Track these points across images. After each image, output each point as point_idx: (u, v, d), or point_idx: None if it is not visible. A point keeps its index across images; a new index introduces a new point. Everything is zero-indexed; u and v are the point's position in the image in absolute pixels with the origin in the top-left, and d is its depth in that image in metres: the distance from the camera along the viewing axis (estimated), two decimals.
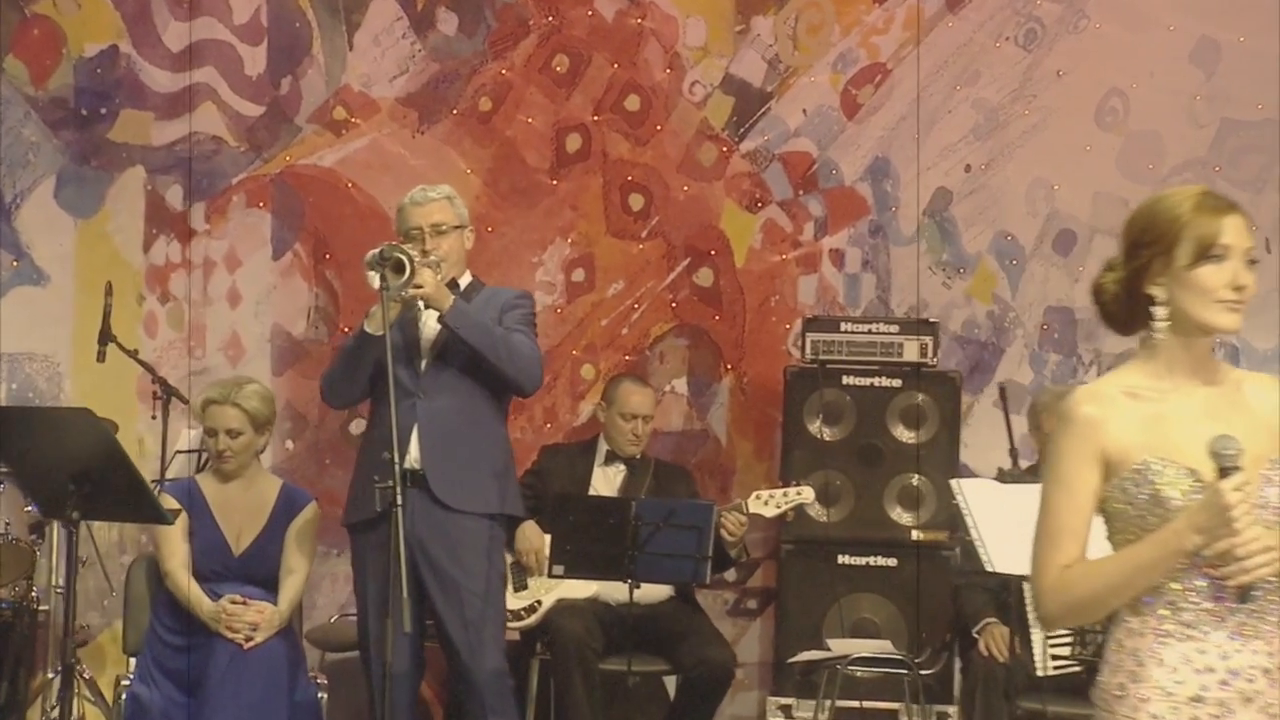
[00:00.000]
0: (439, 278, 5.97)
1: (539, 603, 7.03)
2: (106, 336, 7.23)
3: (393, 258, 5.76)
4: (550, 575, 6.74)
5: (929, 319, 7.76)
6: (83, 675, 6.52)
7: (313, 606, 7.68)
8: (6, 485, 6.96)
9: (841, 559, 7.51)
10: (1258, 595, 3.15)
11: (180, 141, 8.19)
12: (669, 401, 8.09)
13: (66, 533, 5.87)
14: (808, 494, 7.06)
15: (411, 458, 5.95)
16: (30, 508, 7.04)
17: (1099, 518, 3.29)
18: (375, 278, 5.75)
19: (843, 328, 7.65)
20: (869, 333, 7.61)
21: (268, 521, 6.50)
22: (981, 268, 8.15)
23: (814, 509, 7.35)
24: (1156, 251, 3.26)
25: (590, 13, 8.22)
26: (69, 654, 5.75)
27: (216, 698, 6.12)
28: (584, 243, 8.24)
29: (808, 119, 8.22)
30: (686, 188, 8.21)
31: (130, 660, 6.64)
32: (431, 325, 6.10)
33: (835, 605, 7.46)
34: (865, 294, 8.18)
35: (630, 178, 8.22)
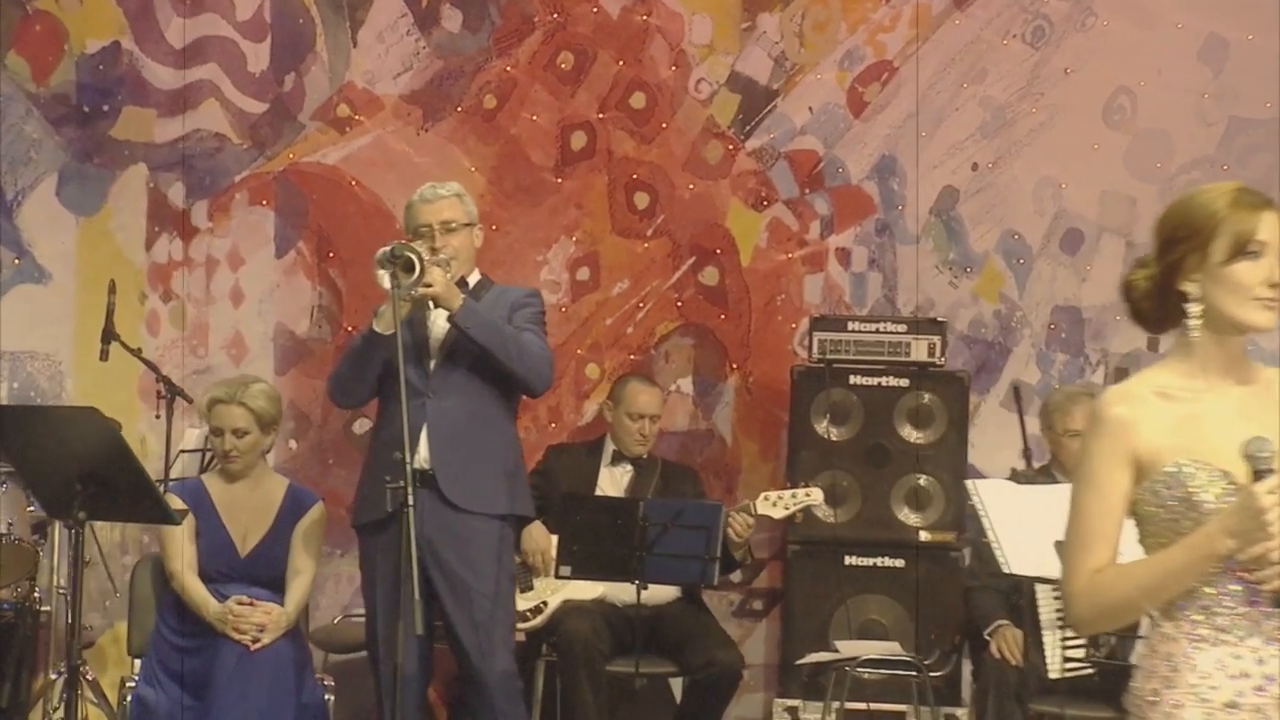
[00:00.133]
0: (449, 276, 5.91)
1: (545, 604, 6.99)
2: (110, 335, 7.17)
3: (403, 256, 5.69)
4: (557, 576, 6.67)
5: (937, 318, 7.72)
6: (85, 677, 6.48)
7: (316, 607, 7.63)
8: (9, 485, 6.92)
9: (848, 560, 7.47)
10: None
11: (183, 139, 8.17)
12: (674, 401, 8.05)
13: (72, 533, 5.80)
14: (816, 495, 7.00)
15: (421, 458, 5.90)
16: (33, 507, 7.00)
17: (1130, 520, 3.25)
18: (385, 277, 5.69)
19: (850, 327, 7.60)
20: (876, 332, 7.56)
21: (274, 522, 6.45)
22: (988, 267, 8.11)
23: (821, 509, 7.28)
24: (1191, 247, 3.21)
25: (595, 9, 8.18)
26: (74, 655, 5.69)
27: (223, 699, 6.07)
28: (589, 241, 8.20)
29: (814, 117, 8.18)
30: (692, 186, 8.16)
31: (135, 662, 6.60)
32: (440, 324, 6.04)
33: (842, 606, 7.42)
34: (871, 293, 8.14)
35: (635, 176, 8.17)
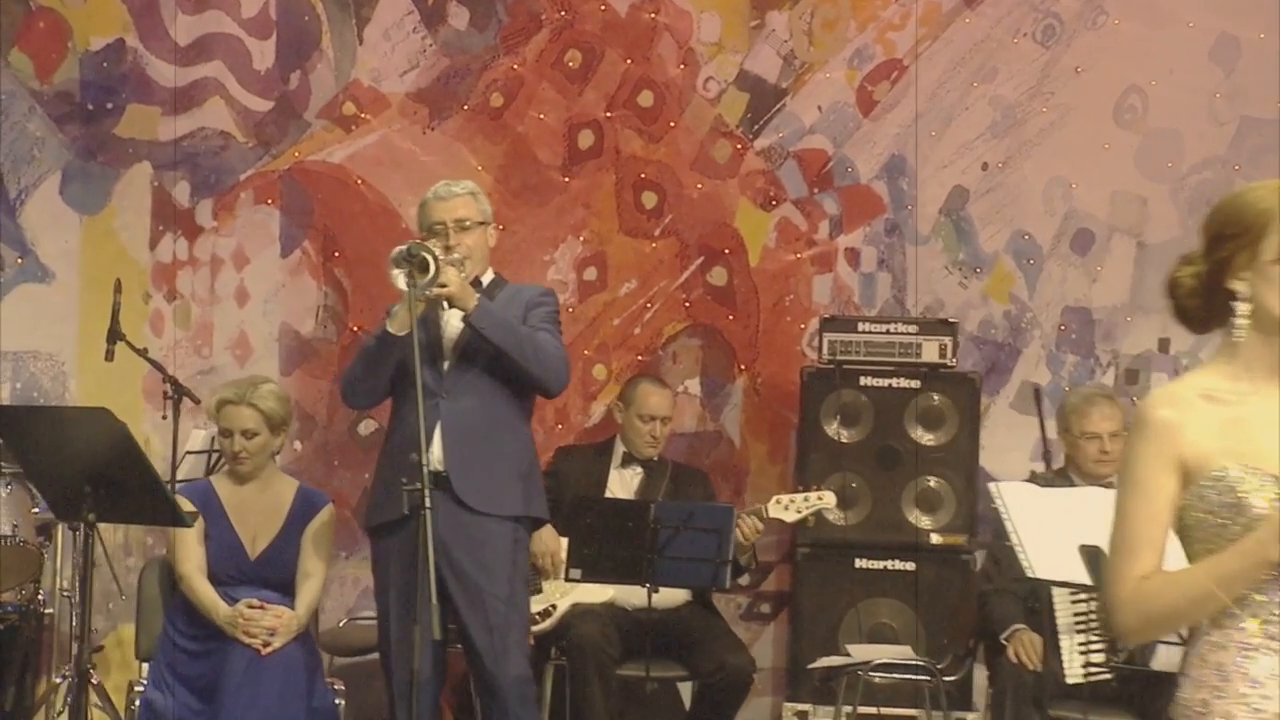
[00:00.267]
0: (463, 276, 5.85)
1: (553, 607, 6.93)
2: (116, 335, 7.09)
3: (419, 256, 5.62)
4: (567, 579, 6.62)
5: (948, 319, 7.66)
6: (90, 681, 6.41)
7: (321, 610, 7.54)
8: (14, 486, 6.86)
9: (858, 563, 7.43)
10: None
11: (187, 137, 8.12)
12: (682, 402, 7.97)
13: (84, 535, 5.73)
14: (829, 499, 6.96)
15: (434, 459, 5.82)
16: (38, 509, 6.94)
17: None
18: (400, 276, 5.63)
19: (860, 328, 7.55)
20: (887, 333, 7.51)
21: (284, 524, 6.38)
22: (998, 267, 8.06)
23: (831, 512, 7.23)
24: (1242, 244, 3.14)
25: (603, 7, 8.12)
26: (85, 660, 5.63)
27: (233, 704, 6.00)
28: (596, 241, 8.14)
29: (823, 116, 8.12)
30: (700, 185, 8.11)
31: (142, 665, 6.53)
32: (454, 324, 5.98)
33: (852, 610, 7.39)
34: (881, 294, 8.09)
35: (643, 175, 8.12)
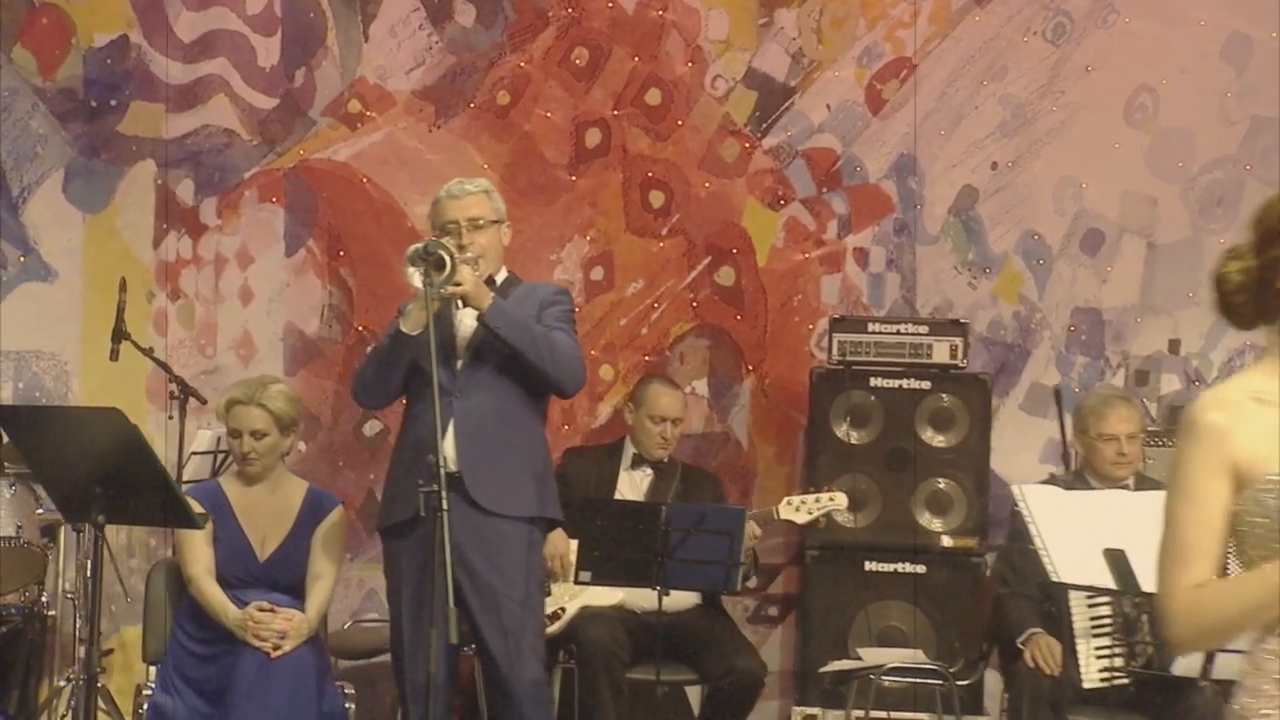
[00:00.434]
0: (477, 274, 5.78)
1: (562, 610, 6.88)
2: (121, 334, 7.03)
3: (435, 254, 5.55)
4: (577, 582, 6.52)
5: (958, 319, 7.61)
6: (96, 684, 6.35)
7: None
8: (19, 487, 6.80)
9: (868, 565, 7.37)
10: None
11: (192, 134, 8.05)
12: (689, 403, 7.89)
13: (93, 538, 5.67)
14: (840, 500, 6.91)
15: (447, 459, 5.72)
16: (42, 510, 6.88)
17: None
18: (416, 275, 5.56)
19: (870, 328, 7.50)
20: (897, 334, 7.46)
21: (293, 526, 6.30)
22: (1008, 267, 8.01)
23: (840, 514, 7.17)
24: None
25: (610, 4, 8.07)
26: (94, 663, 5.55)
27: (243, 708, 5.91)
28: (603, 240, 8.08)
29: (832, 114, 8.07)
30: (708, 184, 8.05)
31: (149, 669, 6.45)
32: (467, 323, 5.91)
33: (861, 613, 7.34)
34: (889, 294, 8.03)
35: (651, 174, 8.06)
